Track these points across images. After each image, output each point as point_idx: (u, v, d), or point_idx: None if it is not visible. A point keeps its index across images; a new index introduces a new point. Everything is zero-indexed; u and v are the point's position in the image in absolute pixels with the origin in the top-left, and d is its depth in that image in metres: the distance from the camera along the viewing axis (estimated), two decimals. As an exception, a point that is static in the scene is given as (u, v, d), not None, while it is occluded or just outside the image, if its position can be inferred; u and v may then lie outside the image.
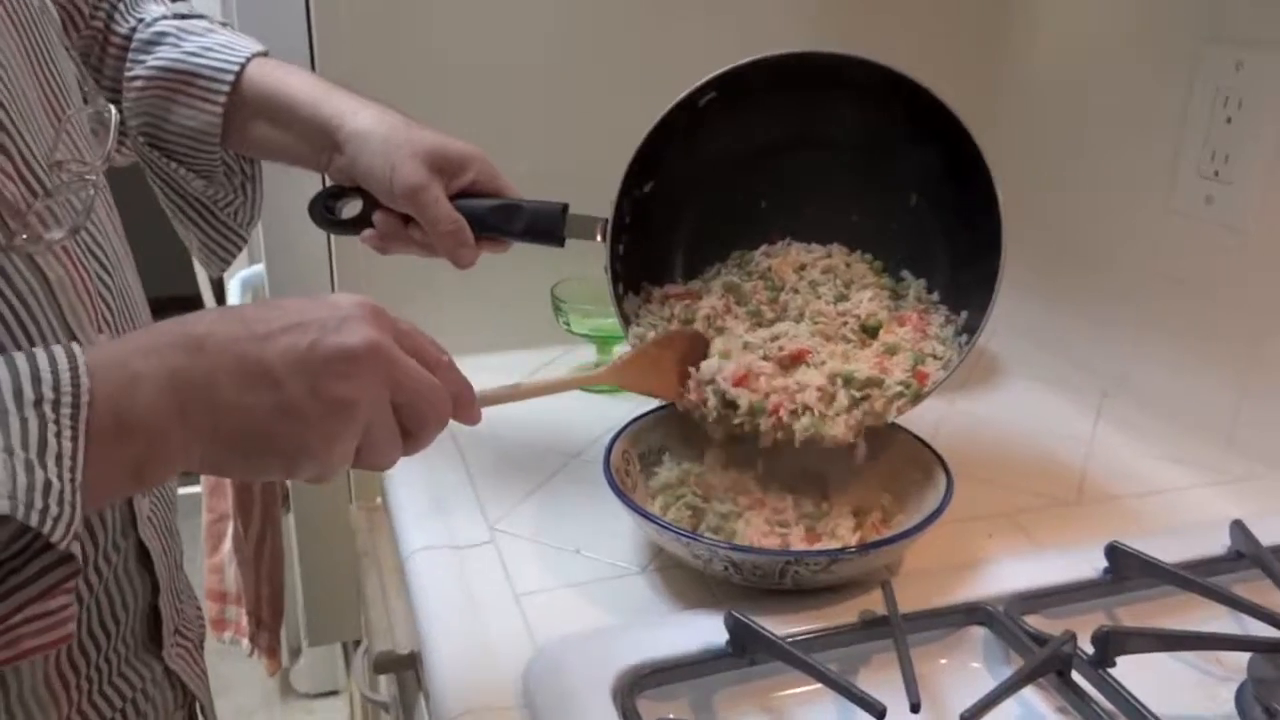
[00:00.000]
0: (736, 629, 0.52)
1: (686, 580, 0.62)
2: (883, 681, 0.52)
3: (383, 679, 0.84)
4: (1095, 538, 0.62)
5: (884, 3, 0.97)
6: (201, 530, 1.31)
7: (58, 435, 0.35)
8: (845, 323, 0.68)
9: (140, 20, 0.68)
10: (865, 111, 0.70)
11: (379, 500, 0.93)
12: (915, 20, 0.98)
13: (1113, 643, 0.52)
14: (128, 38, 0.67)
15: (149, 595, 0.51)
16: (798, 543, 0.61)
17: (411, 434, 0.46)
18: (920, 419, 0.68)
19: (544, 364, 0.94)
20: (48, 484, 0.34)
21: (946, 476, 0.62)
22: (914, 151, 0.70)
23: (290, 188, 0.79)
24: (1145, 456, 0.79)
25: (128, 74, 0.66)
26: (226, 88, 0.65)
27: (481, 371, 0.89)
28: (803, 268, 0.72)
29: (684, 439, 0.69)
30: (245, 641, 1.30)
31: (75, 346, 0.37)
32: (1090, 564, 0.61)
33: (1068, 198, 0.95)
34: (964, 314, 0.68)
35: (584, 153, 0.81)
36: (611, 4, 0.92)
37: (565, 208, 0.69)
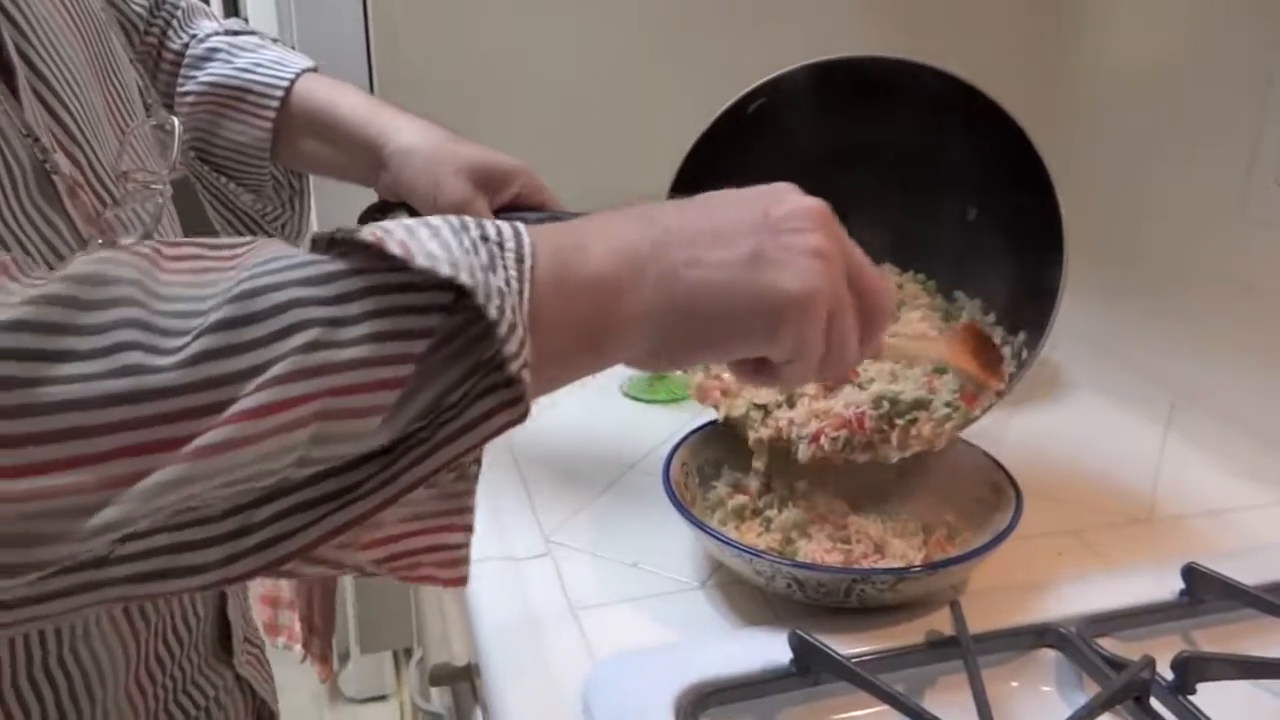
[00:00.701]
0: (801, 648, 0.51)
1: (747, 596, 0.61)
2: (951, 704, 0.50)
3: (434, 688, 0.84)
4: (1168, 557, 0.60)
5: (941, 11, 0.96)
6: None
7: (504, 267, 0.32)
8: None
9: (193, 36, 0.69)
10: (921, 120, 0.69)
11: (432, 509, 0.93)
12: (974, 29, 0.96)
13: (1193, 669, 0.50)
14: (180, 53, 0.68)
15: (218, 603, 0.52)
16: (862, 560, 0.60)
17: (865, 335, 0.42)
18: (981, 432, 0.66)
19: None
20: (501, 290, 0.31)
21: (1016, 493, 0.60)
22: (972, 163, 0.68)
23: (338, 201, 0.80)
24: (1218, 472, 0.77)
25: (180, 89, 0.67)
26: (276, 103, 0.66)
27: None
28: None
29: (742, 453, 0.68)
30: (298, 647, 1.32)
31: (514, 222, 0.36)
32: (1165, 585, 0.59)
33: (1134, 204, 0.92)
34: (1021, 334, 0.66)
35: (631, 164, 0.80)
36: (660, 17, 0.92)
37: None
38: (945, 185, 0.70)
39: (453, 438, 0.32)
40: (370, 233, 0.31)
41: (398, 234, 0.31)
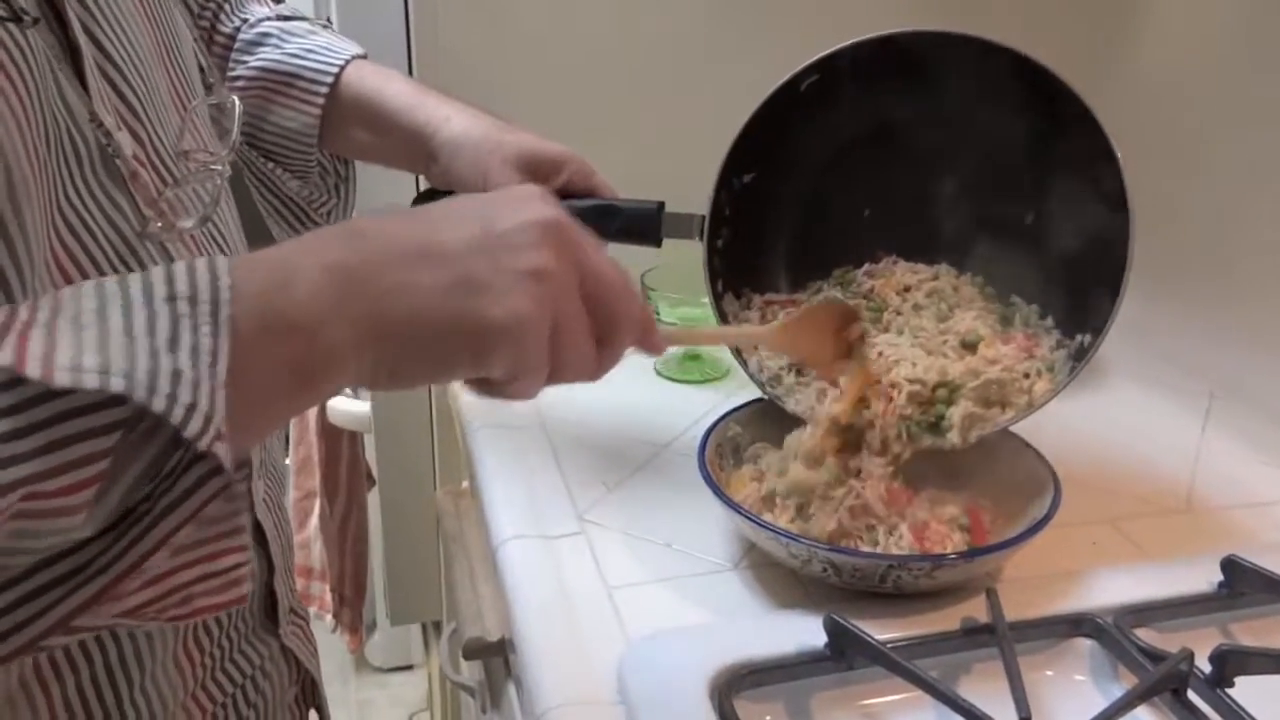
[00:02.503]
0: (836, 632, 0.51)
1: (780, 578, 0.61)
2: (986, 692, 0.50)
3: (463, 660, 0.85)
4: (1207, 548, 0.59)
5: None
6: (289, 507, 1.34)
7: (194, 330, 0.31)
8: (945, 340, 0.65)
9: (244, 21, 0.69)
10: (981, 107, 0.66)
11: (464, 485, 0.94)
12: (1026, 17, 0.94)
13: (1232, 662, 0.50)
14: (231, 37, 0.69)
15: (265, 575, 0.53)
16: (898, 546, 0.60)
17: (604, 340, 0.42)
18: (1020, 421, 0.65)
19: (629, 352, 0.94)
20: (176, 372, 0.30)
21: (1054, 481, 0.60)
22: (1034, 152, 0.66)
23: (385, 189, 0.80)
24: (1257, 464, 0.76)
25: (230, 73, 0.68)
26: (325, 89, 0.67)
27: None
28: (907, 290, 0.69)
29: (778, 434, 0.68)
30: (329, 617, 1.33)
31: (216, 257, 0.34)
32: (1204, 577, 0.58)
33: (1175, 193, 0.91)
34: (1079, 338, 0.64)
35: (675, 150, 0.80)
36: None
37: (661, 206, 0.68)
38: (1008, 185, 0.68)
39: (171, 508, 0.32)
40: (11, 348, 0.29)
41: (48, 339, 0.30)
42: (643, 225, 0.68)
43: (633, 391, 0.86)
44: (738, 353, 0.69)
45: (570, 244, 0.40)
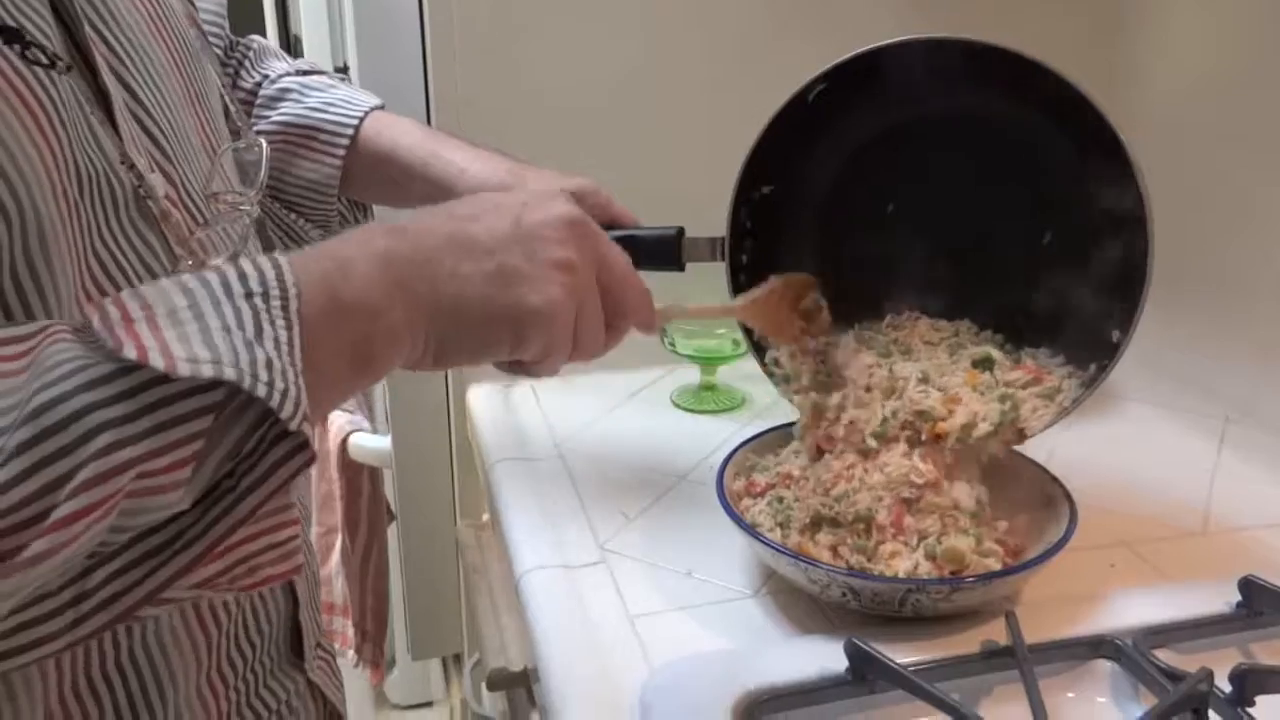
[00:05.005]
0: (857, 656, 0.52)
1: (800, 604, 0.62)
2: (1007, 714, 0.51)
3: (486, 691, 0.86)
4: (1223, 570, 0.60)
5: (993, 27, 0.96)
6: (313, 542, 1.35)
7: (271, 323, 0.35)
8: (956, 361, 0.66)
9: (265, 76, 0.72)
10: (996, 117, 0.66)
11: (485, 517, 0.95)
12: (1031, 43, 0.96)
13: (1252, 681, 0.50)
14: (253, 92, 0.71)
15: (290, 609, 0.54)
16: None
17: (612, 322, 0.47)
18: (1035, 444, 0.66)
19: (646, 384, 0.95)
20: (269, 360, 0.34)
21: (1069, 504, 0.60)
22: (1055, 170, 0.66)
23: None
24: (1273, 485, 0.76)
25: (253, 129, 0.70)
26: (347, 141, 0.69)
27: (579, 393, 0.92)
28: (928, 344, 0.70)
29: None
30: (351, 653, 1.34)
31: (274, 254, 0.38)
32: (1221, 598, 0.59)
33: (1188, 213, 0.92)
34: (1092, 367, 0.65)
35: (699, 176, 0.81)
36: (714, 39, 0.93)
37: (681, 231, 0.70)
38: (1019, 207, 0.69)
39: (254, 486, 0.36)
40: (133, 339, 0.33)
41: (159, 335, 0.33)
42: (664, 251, 0.70)
43: (650, 423, 0.88)
44: (755, 348, 0.72)
45: (590, 237, 0.45)
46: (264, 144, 0.52)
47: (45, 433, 0.31)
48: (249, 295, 0.35)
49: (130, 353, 0.32)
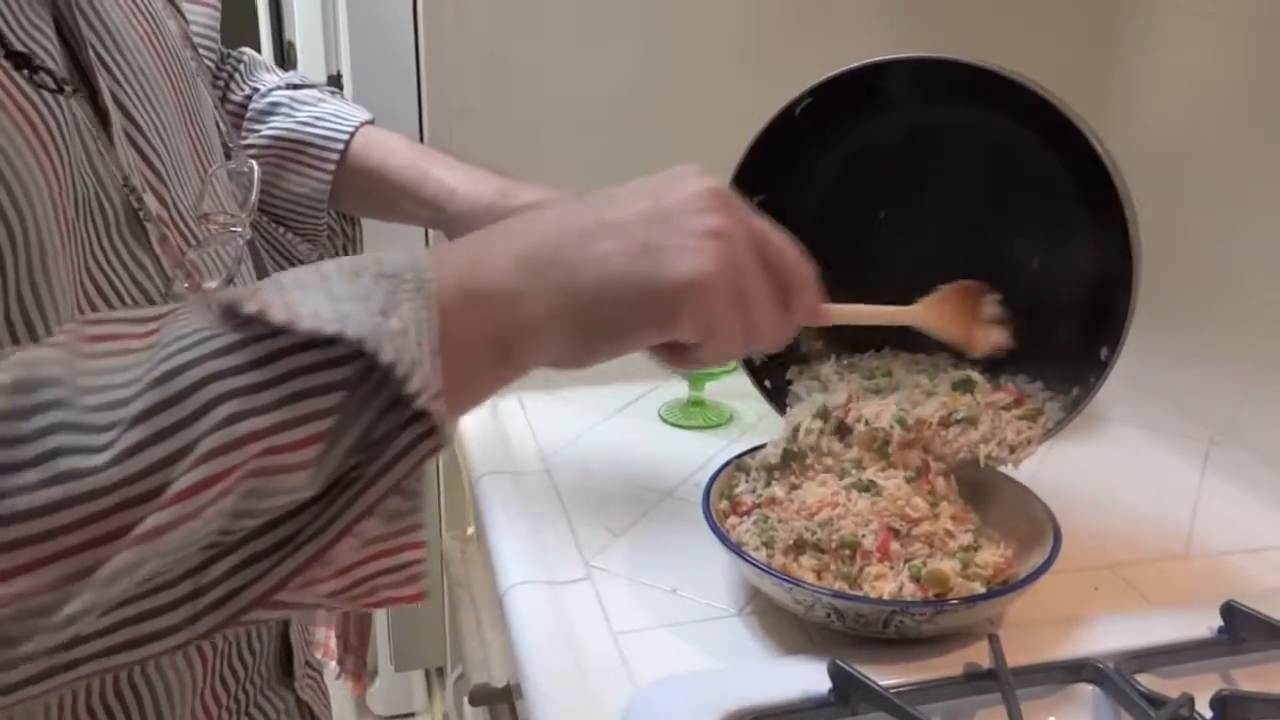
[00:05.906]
0: (839, 677, 0.52)
1: (784, 624, 0.62)
2: (989, 737, 0.51)
3: (472, 707, 0.85)
4: (1206, 594, 0.60)
5: (983, 44, 0.97)
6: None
7: (406, 301, 0.33)
8: (936, 385, 0.67)
9: (255, 90, 0.71)
10: (983, 134, 0.67)
11: (470, 531, 0.95)
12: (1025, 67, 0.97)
13: (1233, 708, 0.50)
14: (242, 105, 0.71)
15: (281, 626, 0.53)
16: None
17: (784, 301, 0.43)
18: (1019, 466, 0.66)
19: (634, 398, 0.95)
20: (402, 330, 0.32)
21: (1054, 527, 0.61)
22: (1039, 193, 0.67)
23: (393, 248, 0.82)
24: (1258, 509, 0.77)
25: (243, 142, 0.70)
26: (336, 156, 0.69)
27: (566, 406, 0.92)
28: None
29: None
30: (333, 664, 1.33)
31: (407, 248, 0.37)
32: (1203, 622, 0.59)
33: (1171, 234, 0.93)
34: (1075, 390, 0.65)
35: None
36: (712, 48, 0.93)
37: None
38: (1009, 227, 0.69)
39: (381, 474, 0.34)
40: (258, 300, 0.32)
41: (285, 295, 0.32)
42: None
43: (637, 438, 0.87)
44: (749, 369, 0.72)
45: (738, 207, 0.41)
46: (255, 165, 0.52)
47: (164, 403, 0.30)
48: (381, 276, 0.34)
49: (251, 307, 0.31)
